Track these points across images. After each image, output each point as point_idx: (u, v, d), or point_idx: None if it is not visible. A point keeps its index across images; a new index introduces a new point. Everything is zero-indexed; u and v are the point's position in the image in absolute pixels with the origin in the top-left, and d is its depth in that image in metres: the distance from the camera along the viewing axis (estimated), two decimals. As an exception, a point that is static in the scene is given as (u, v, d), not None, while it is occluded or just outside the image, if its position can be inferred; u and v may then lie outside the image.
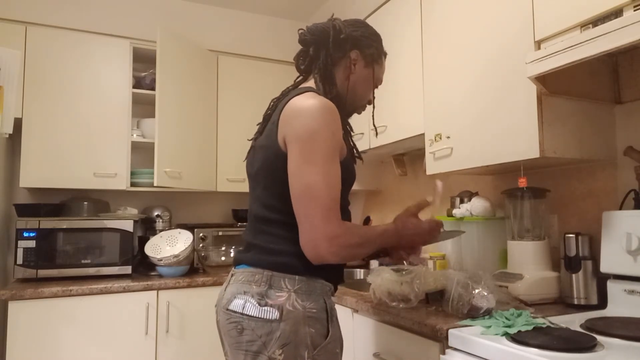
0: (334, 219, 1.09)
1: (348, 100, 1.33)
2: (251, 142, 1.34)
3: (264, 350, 1.10)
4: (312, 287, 1.17)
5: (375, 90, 1.40)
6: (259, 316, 1.12)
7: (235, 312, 1.15)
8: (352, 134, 1.37)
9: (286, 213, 1.16)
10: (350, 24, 1.33)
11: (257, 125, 1.34)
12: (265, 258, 1.17)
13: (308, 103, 1.14)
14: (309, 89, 1.23)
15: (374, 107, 1.46)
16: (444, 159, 1.83)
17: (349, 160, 1.26)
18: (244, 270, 1.20)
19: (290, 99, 1.18)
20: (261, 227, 1.22)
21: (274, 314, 1.11)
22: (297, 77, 1.37)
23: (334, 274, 1.23)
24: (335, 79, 1.30)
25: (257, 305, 1.12)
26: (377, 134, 1.49)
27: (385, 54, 1.41)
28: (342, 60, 1.31)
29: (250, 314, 1.12)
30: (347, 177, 1.23)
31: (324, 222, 1.08)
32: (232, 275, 1.24)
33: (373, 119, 1.51)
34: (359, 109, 1.40)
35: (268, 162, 1.19)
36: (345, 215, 1.27)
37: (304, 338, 1.11)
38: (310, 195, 1.09)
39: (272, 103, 1.33)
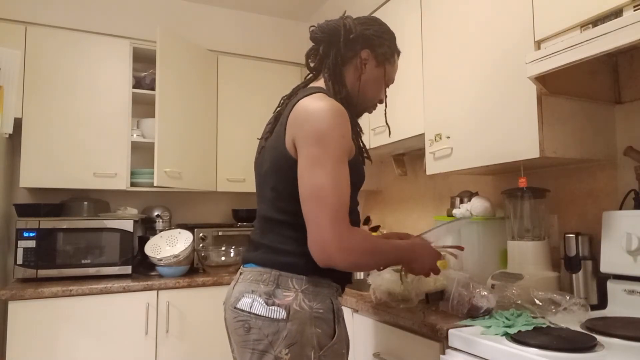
0: (342, 222, 1.07)
1: (358, 100, 1.32)
2: (261, 141, 1.33)
3: (271, 349, 1.11)
4: (320, 288, 1.17)
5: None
6: (266, 315, 1.12)
7: (242, 310, 1.15)
8: (362, 134, 1.36)
9: (294, 214, 1.16)
10: (362, 22, 1.30)
11: (268, 125, 1.32)
12: (273, 258, 1.17)
13: (317, 105, 1.13)
14: (318, 90, 1.22)
15: (386, 106, 1.43)
16: (444, 159, 1.83)
17: (358, 162, 1.25)
18: (252, 269, 1.20)
19: (299, 100, 1.17)
20: (269, 227, 1.22)
21: (281, 314, 1.11)
22: (307, 75, 1.35)
23: (341, 275, 1.23)
24: (345, 79, 1.28)
25: (264, 304, 1.13)
26: (389, 132, 1.48)
27: (398, 53, 1.39)
28: (353, 60, 1.29)
29: (257, 313, 1.13)
30: (356, 178, 1.23)
31: (332, 224, 1.06)
32: (240, 273, 1.24)
33: (386, 117, 1.47)
34: (370, 109, 1.38)
35: (276, 164, 1.19)
36: (355, 216, 1.27)
37: (310, 338, 1.11)
38: (319, 197, 1.07)
39: (282, 101, 1.32)
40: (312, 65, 1.34)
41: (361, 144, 1.32)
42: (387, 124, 1.49)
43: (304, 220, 1.11)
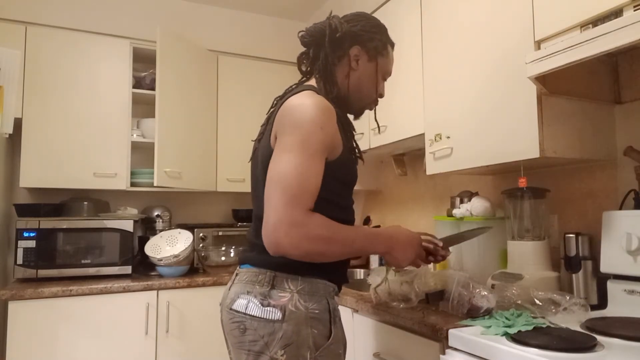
0: (299, 207, 1.02)
1: (353, 98, 1.31)
2: (255, 142, 1.33)
3: (266, 350, 1.10)
4: (315, 288, 1.16)
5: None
6: (262, 316, 1.11)
7: (238, 311, 1.15)
8: (355, 133, 1.35)
9: None
10: (349, 20, 1.30)
11: (262, 126, 1.32)
12: (268, 258, 1.16)
13: (300, 101, 1.13)
14: (308, 88, 1.22)
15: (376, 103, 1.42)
16: (444, 159, 1.83)
17: (350, 160, 1.24)
18: (248, 270, 1.20)
19: (287, 98, 1.18)
20: None
21: (276, 315, 1.11)
22: (301, 78, 1.36)
23: (337, 275, 1.22)
24: (337, 79, 1.28)
25: (259, 305, 1.12)
26: (379, 130, 1.45)
27: (392, 44, 1.37)
28: (343, 58, 1.29)
29: (252, 314, 1.12)
30: (348, 177, 1.23)
31: (285, 207, 1.01)
32: (236, 274, 1.24)
33: (375, 114, 1.46)
34: (370, 105, 1.37)
35: (264, 162, 1.18)
36: (349, 215, 1.26)
37: (306, 339, 1.11)
38: (279, 181, 1.04)
39: (274, 102, 1.32)
40: (303, 69, 1.34)
41: (354, 143, 1.31)
42: (376, 120, 1.47)
43: None
